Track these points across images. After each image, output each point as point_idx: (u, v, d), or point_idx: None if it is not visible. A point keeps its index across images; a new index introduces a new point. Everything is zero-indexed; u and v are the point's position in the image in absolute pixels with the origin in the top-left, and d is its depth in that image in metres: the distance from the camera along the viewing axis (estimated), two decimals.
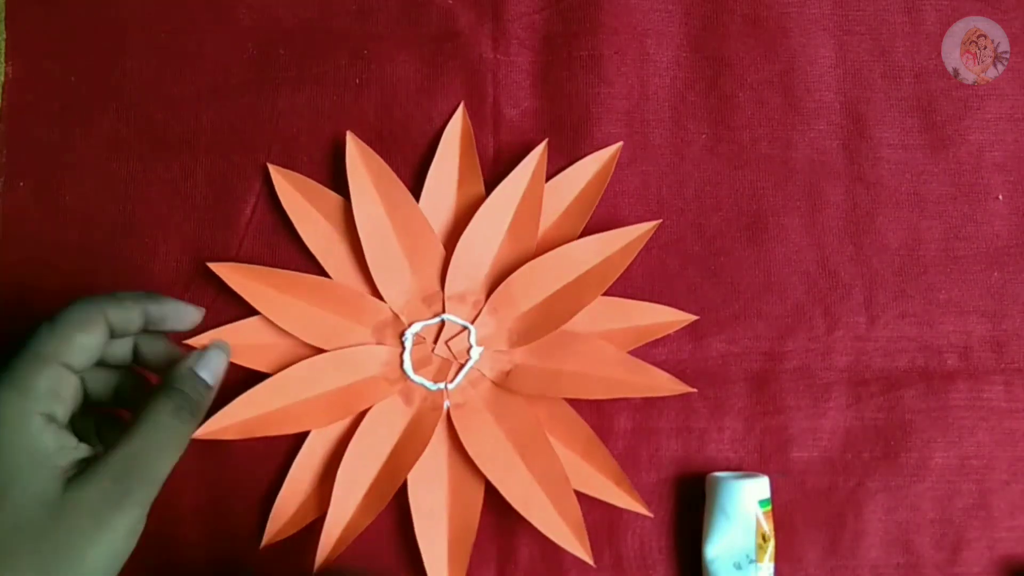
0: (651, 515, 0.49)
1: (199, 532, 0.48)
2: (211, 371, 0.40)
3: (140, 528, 0.37)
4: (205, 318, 0.49)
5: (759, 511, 0.47)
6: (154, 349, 0.42)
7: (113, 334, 0.39)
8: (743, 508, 0.46)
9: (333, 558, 0.47)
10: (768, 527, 0.47)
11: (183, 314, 0.42)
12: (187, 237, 0.50)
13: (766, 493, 0.47)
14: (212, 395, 0.40)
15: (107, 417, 0.44)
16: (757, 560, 0.46)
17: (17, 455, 0.35)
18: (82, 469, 0.36)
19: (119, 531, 0.36)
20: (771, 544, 0.47)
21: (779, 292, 0.51)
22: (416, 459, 0.48)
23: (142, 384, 0.44)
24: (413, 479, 0.48)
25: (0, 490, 0.35)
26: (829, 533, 0.49)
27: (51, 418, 0.36)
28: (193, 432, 0.39)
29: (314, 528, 0.47)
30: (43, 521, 0.35)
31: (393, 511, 0.48)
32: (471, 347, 0.49)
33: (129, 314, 0.39)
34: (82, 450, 0.37)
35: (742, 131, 0.52)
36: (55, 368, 0.37)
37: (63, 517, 0.35)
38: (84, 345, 0.37)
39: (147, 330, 0.41)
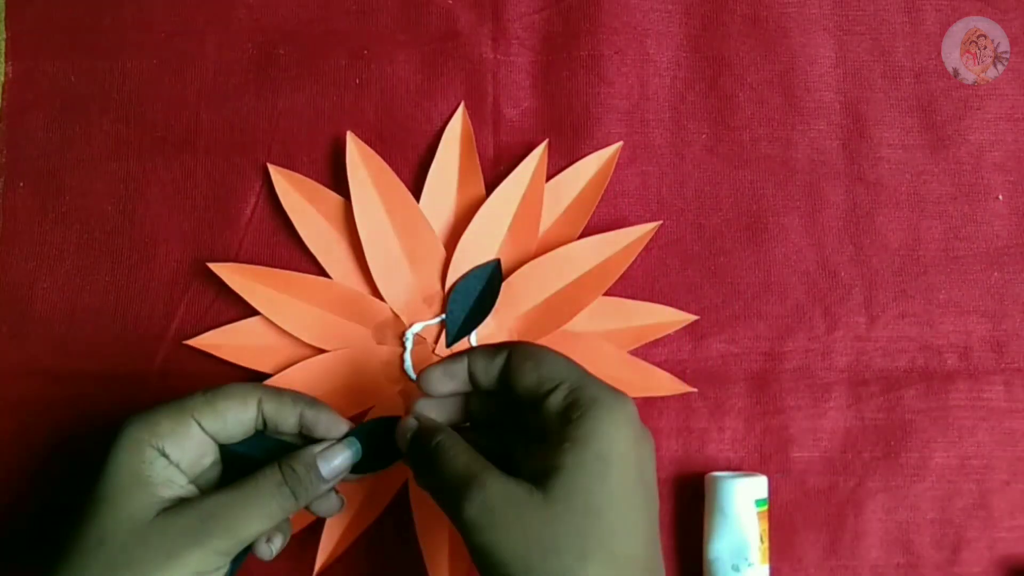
0: None
1: None
2: (330, 467, 0.40)
3: None
4: (206, 319, 0.49)
5: (755, 511, 0.47)
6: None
7: (266, 424, 0.41)
8: (739, 507, 0.46)
9: (335, 558, 0.47)
10: (762, 527, 0.47)
11: (333, 425, 0.41)
12: (187, 237, 0.50)
13: (762, 493, 0.47)
14: (325, 487, 0.40)
15: None
16: (755, 561, 0.46)
17: (121, 474, 0.37)
18: (169, 501, 0.38)
19: (187, 568, 0.36)
20: (765, 544, 0.47)
21: (779, 292, 0.51)
22: None
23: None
24: (414, 479, 0.48)
25: (97, 503, 0.37)
26: (829, 533, 0.49)
27: (163, 453, 0.38)
28: (292, 511, 0.39)
29: (315, 528, 0.47)
30: (125, 540, 0.36)
31: (394, 511, 0.48)
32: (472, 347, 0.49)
33: (284, 411, 0.40)
34: (190, 491, 0.39)
35: (742, 131, 0.52)
36: (186, 419, 0.38)
37: (143, 541, 0.36)
38: (225, 416, 0.39)
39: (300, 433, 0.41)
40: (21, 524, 0.48)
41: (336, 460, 0.40)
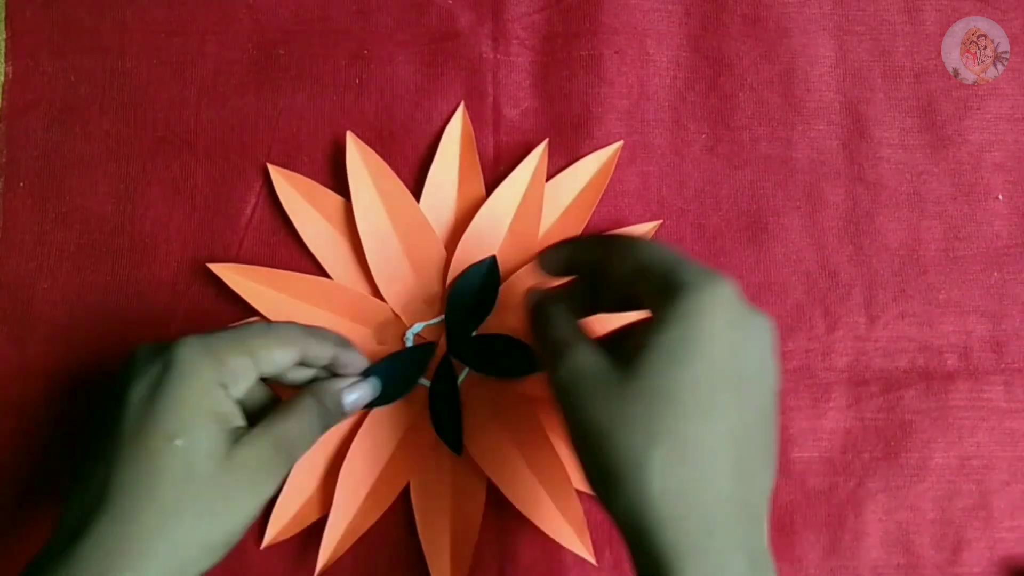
0: None
1: None
2: (351, 400, 0.44)
3: None
4: (206, 319, 0.49)
5: None
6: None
7: (302, 363, 0.42)
8: None
9: (336, 558, 0.47)
10: None
11: (359, 364, 0.44)
12: (187, 237, 0.50)
13: None
14: (344, 418, 0.44)
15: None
16: None
17: (198, 413, 0.38)
18: (242, 435, 0.39)
19: (266, 493, 0.39)
20: None
21: (779, 292, 0.51)
22: (418, 459, 0.48)
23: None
24: (415, 479, 0.48)
25: (172, 439, 0.37)
26: (829, 533, 0.49)
27: (226, 387, 0.39)
28: (315, 441, 0.42)
29: (316, 529, 0.47)
30: (211, 473, 0.37)
31: (396, 511, 0.48)
32: None
33: (322, 351, 0.42)
34: (241, 422, 0.40)
35: (742, 131, 0.52)
36: (246, 357, 0.40)
37: (229, 472, 0.37)
38: (274, 357, 0.40)
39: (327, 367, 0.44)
40: (21, 524, 0.48)
41: (356, 394, 0.44)
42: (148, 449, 0.37)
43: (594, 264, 0.39)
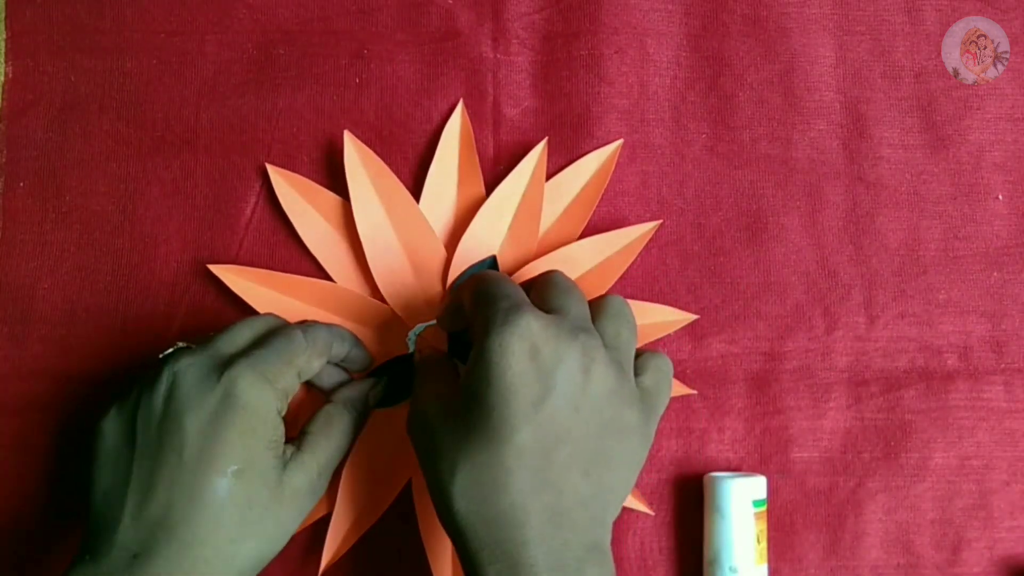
0: (652, 513, 0.49)
1: None
2: (376, 399, 0.47)
3: None
4: (207, 320, 0.49)
5: (752, 511, 0.47)
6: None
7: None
8: (736, 508, 0.46)
9: (339, 556, 0.47)
10: (760, 527, 0.47)
11: (365, 358, 0.48)
12: (187, 237, 0.50)
13: (760, 493, 0.47)
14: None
15: None
16: (752, 562, 0.46)
17: (258, 444, 0.40)
18: (288, 458, 0.41)
19: (309, 511, 0.42)
20: (763, 545, 0.47)
21: (779, 292, 0.51)
22: None
23: None
24: (417, 478, 0.48)
25: (231, 464, 0.39)
26: (829, 533, 0.49)
27: (280, 412, 0.41)
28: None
29: (319, 527, 0.47)
30: (266, 499, 0.40)
31: (397, 510, 0.48)
32: None
33: (341, 350, 0.46)
34: (284, 438, 0.42)
35: (742, 131, 0.52)
36: (294, 375, 0.42)
37: (281, 499, 0.40)
38: (312, 367, 0.43)
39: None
40: (21, 525, 0.48)
41: (376, 391, 0.47)
42: (211, 479, 0.38)
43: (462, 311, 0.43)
